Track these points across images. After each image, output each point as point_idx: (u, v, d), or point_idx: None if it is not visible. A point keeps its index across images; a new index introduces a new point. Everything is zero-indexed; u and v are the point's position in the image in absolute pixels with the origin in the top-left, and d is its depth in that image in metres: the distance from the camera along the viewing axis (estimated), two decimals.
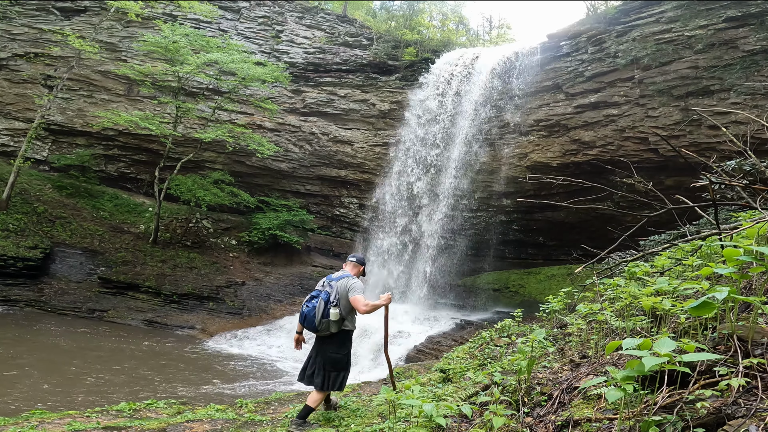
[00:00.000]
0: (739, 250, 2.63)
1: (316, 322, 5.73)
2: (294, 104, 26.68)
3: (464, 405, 3.52)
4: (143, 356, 16.14)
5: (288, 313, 22.33)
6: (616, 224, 10.69)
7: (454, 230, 23.34)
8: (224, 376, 15.07)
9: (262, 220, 25.84)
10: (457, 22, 33.47)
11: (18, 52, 25.63)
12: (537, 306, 7.70)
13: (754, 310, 2.74)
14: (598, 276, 6.62)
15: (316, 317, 5.72)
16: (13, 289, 20.20)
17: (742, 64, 16.16)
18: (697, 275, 4.19)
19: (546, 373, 4.35)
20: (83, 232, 23.85)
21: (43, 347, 15.64)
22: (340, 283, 5.80)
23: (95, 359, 15.16)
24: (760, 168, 5.87)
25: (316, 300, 5.79)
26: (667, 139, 16.58)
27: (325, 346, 5.90)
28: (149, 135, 25.01)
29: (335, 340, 5.86)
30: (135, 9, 23.66)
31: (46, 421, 6.88)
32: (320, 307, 5.73)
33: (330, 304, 5.73)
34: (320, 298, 5.78)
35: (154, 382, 13.70)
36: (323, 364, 5.86)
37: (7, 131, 26.71)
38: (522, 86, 21.69)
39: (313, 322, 5.75)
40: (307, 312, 5.78)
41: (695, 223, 8.19)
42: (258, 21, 27.29)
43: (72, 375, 13.49)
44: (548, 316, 7.45)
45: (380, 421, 5.53)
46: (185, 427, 6.34)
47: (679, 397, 2.50)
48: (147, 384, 13.49)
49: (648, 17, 18.25)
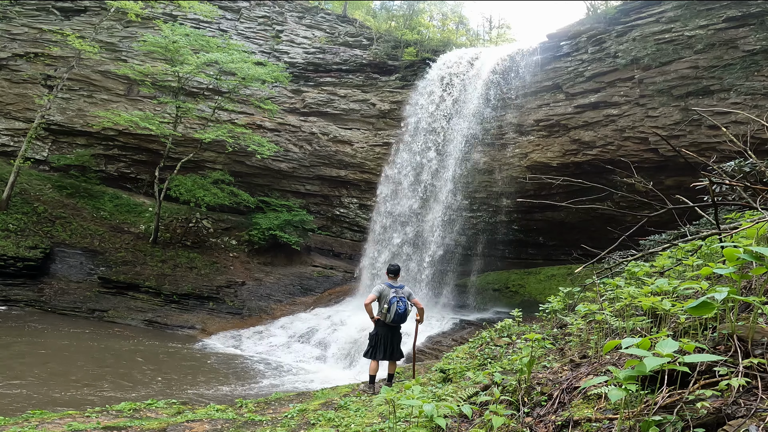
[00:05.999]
0: (739, 249, 2.63)
1: (408, 316, 8.32)
2: (294, 104, 26.68)
3: (464, 405, 3.52)
4: (143, 356, 16.13)
5: (288, 313, 22.32)
6: (616, 224, 10.69)
7: (454, 230, 23.33)
8: (224, 376, 15.07)
9: (262, 220, 25.84)
10: (457, 22, 33.48)
11: (18, 52, 25.63)
12: (537, 306, 7.70)
13: (754, 310, 2.74)
14: (598, 276, 6.62)
15: (407, 314, 8.29)
16: (13, 289, 20.20)
17: (742, 64, 16.16)
18: (696, 275, 4.19)
19: (546, 373, 4.35)
20: (83, 232, 23.85)
21: (43, 347, 15.64)
22: (404, 290, 8.38)
23: (95, 359, 15.16)
24: (760, 168, 5.87)
25: (402, 303, 8.18)
26: (667, 139, 16.58)
27: (396, 332, 8.46)
28: (149, 135, 25.00)
29: (400, 327, 8.52)
30: (135, 9, 23.66)
31: (46, 421, 6.88)
32: (407, 307, 8.25)
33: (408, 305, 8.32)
34: (403, 301, 8.21)
35: (154, 382, 13.71)
36: (398, 343, 8.47)
37: (7, 131, 26.71)
38: (522, 86, 21.68)
39: (405, 318, 8.30)
40: (402, 312, 8.21)
41: (695, 223, 8.18)
42: (258, 21, 27.29)
43: (72, 375, 13.49)
44: (548, 316, 7.45)
45: (380, 421, 5.53)
46: (185, 427, 6.34)
47: (679, 397, 2.50)
48: (147, 384, 13.49)
49: (648, 17, 18.24)
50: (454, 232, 23.40)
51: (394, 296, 8.18)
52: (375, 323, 8.42)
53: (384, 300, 8.24)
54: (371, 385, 8.48)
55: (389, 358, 8.40)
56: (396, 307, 8.14)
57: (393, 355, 8.40)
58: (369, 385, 8.55)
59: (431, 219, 22.86)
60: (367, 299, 8.22)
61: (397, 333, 8.48)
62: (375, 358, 8.41)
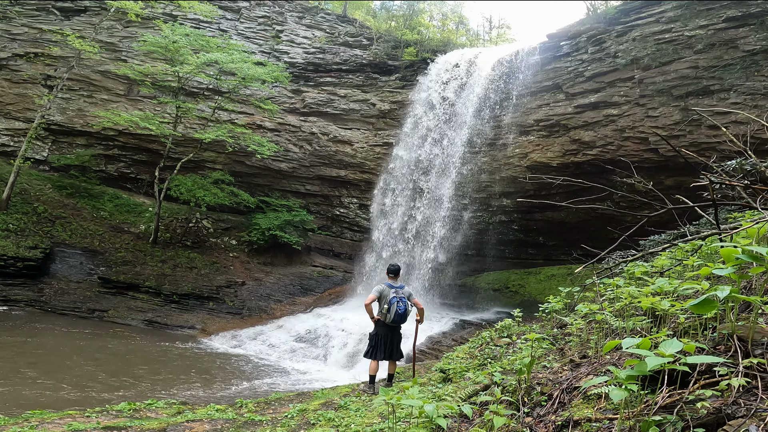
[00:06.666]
0: (737, 250, 2.63)
1: (408, 317, 8.35)
2: (294, 104, 26.67)
3: (464, 405, 3.52)
4: (143, 356, 16.13)
5: (288, 313, 22.32)
6: (616, 224, 10.68)
7: (453, 230, 23.33)
8: (224, 376, 15.07)
9: (262, 220, 25.83)
10: (457, 22, 33.47)
11: (18, 52, 25.63)
12: (537, 306, 7.70)
13: (754, 310, 2.74)
14: (598, 276, 6.62)
15: (407, 314, 8.31)
16: (13, 289, 20.20)
17: (742, 64, 16.15)
18: (696, 275, 4.19)
19: (546, 373, 4.35)
20: (83, 232, 23.85)
21: (42, 347, 15.64)
22: (404, 291, 8.40)
23: (95, 359, 15.16)
24: (760, 168, 5.87)
25: (402, 303, 8.20)
26: (667, 139, 16.58)
27: (396, 332, 8.49)
28: (149, 135, 25.00)
29: (400, 328, 8.54)
30: (135, 9, 23.65)
31: (46, 421, 6.88)
32: (407, 307, 8.29)
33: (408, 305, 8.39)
34: (403, 301, 8.22)
35: (153, 382, 13.71)
36: (398, 343, 8.50)
37: (7, 131, 26.70)
38: (522, 86, 21.67)
39: (405, 318, 8.33)
40: (402, 312, 8.23)
41: (695, 223, 8.18)
42: (258, 21, 27.28)
43: (72, 375, 13.49)
44: (548, 316, 7.45)
45: (380, 421, 5.54)
46: (185, 427, 6.34)
47: (679, 397, 2.50)
48: (147, 384, 13.48)
49: (648, 17, 18.24)
50: (454, 231, 23.41)
51: (394, 296, 8.23)
52: (375, 323, 8.45)
53: (384, 300, 8.27)
54: (371, 385, 8.50)
55: (389, 358, 8.47)
56: (396, 308, 8.19)
57: (393, 355, 8.47)
58: (369, 385, 8.56)
59: (431, 219, 22.86)
60: (368, 299, 8.25)
61: (397, 333, 8.53)
62: (375, 358, 8.46)
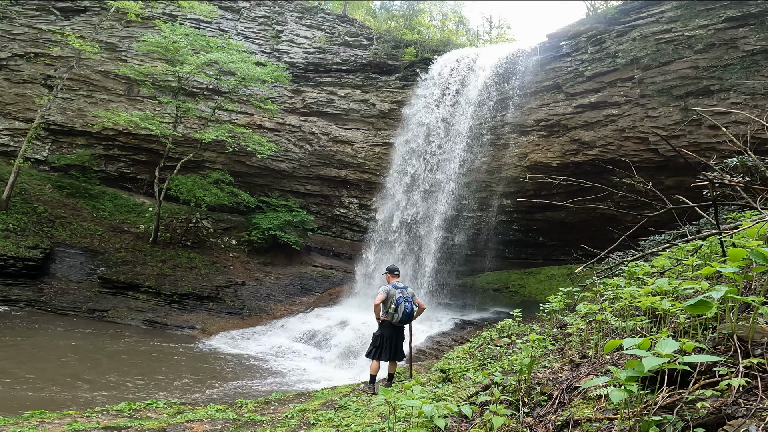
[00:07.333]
0: (745, 250, 2.62)
1: (414, 316, 8.48)
2: (294, 104, 26.67)
3: (464, 405, 3.52)
4: (143, 356, 16.12)
5: (288, 313, 22.32)
6: (616, 224, 10.69)
7: (454, 230, 23.33)
8: (224, 376, 15.07)
9: (262, 220, 25.83)
10: (457, 22, 33.47)
11: (18, 52, 25.63)
12: (537, 306, 7.71)
13: (754, 310, 2.74)
14: (598, 276, 6.62)
15: (413, 314, 8.44)
16: (13, 289, 20.19)
17: (742, 64, 16.15)
18: (696, 275, 4.19)
19: (546, 373, 4.35)
20: (83, 232, 23.84)
21: (42, 347, 15.64)
22: (408, 291, 8.47)
23: (95, 359, 15.16)
24: (760, 168, 5.87)
25: (408, 303, 8.28)
26: (667, 139, 16.58)
27: (401, 333, 8.54)
28: (149, 135, 25.00)
29: (404, 328, 8.60)
30: (135, 9, 23.65)
31: (46, 421, 6.88)
32: (413, 307, 8.40)
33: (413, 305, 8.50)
34: (409, 301, 8.32)
35: (154, 382, 13.70)
36: (402, 344, 8.53)
37: (7, 131, 26.70)
38: (522, 86, 21.67)
39: (412, 318, 8.43)
40: (410, 312, 8.32)
41: (695, 223, 8.18)
42: (258, 21, 27.28)
43: (71, 374, 13.49)
44: (548, 316, 7.45)
45: (380, 421, 5.53)
46: (185, 427, 6.34)
47: (679, 397, 2.50)
48: (147, 383, 13.48)
49: (648, 17, 18.24)
50: (454, 232, 23.41)
51: (401, 296, 8.28)
52: (380, 324, 8.43)
53: (391, 300, 8.29)
54: (371, 385, 8.51)
55: (393, 358, 8.51)
56: (404, 307, 8.24)
57: (396, 355, 8.50)
58: (369, 385, 8.56)
59: (431, 219, 22.86)
60: (377, 300, 8.26)
61: (402, 333, 8.58)
62: (379, 359, 8.47)
